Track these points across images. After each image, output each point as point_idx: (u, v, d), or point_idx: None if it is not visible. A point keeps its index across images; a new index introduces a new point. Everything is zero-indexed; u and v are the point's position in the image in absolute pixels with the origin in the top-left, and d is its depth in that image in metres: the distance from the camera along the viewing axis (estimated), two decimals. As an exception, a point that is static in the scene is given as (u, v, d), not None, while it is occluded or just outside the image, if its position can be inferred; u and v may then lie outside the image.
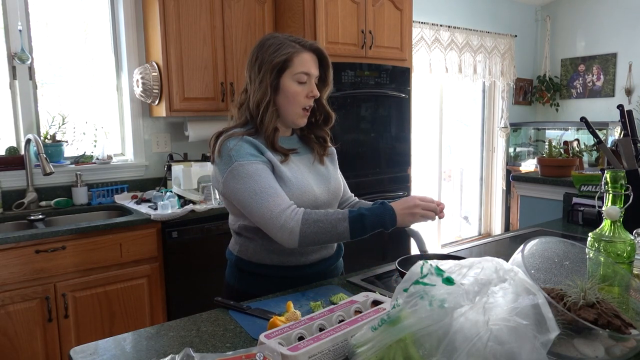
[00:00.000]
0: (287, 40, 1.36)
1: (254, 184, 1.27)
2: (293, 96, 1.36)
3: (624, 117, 1.85)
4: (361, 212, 1.27)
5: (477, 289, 0.79)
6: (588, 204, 2.17)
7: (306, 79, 1.36)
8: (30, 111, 2.66)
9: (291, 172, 1.36)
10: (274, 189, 1.28)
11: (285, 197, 1.29)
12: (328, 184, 1.45)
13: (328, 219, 1.25)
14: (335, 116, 1.50)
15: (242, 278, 1.45)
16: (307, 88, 1.37)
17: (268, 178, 1.29)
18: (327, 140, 1.51)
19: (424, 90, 4.63)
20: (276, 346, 0.86)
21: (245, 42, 2.99)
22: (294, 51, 1.34)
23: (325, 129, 1.50)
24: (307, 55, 1.36)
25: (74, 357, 0.99)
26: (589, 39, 5.13)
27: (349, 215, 1.26)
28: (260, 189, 1.27)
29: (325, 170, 1.47)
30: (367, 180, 3.19)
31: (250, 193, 1.27)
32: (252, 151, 1.32)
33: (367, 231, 1.27)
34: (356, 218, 1.25)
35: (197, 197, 2.67)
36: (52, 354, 2.21)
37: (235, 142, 1.32)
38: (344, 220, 1.25)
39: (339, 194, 1.50)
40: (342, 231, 1.25)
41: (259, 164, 1.30)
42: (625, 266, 1.09)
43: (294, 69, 1.34)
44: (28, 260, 2.11)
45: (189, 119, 3.05)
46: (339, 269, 1.58)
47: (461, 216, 5.39)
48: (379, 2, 3.13)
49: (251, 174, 1.28)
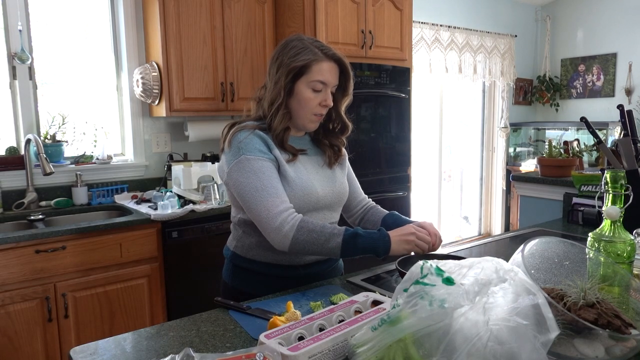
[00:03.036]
0: (311, 46, 1.34)
1: (256, 180, 1.28)
2: (306, 102, 1.35)
3: (624, 117, 1.85)
4: (357, 232, 1.26)
5: (477, 289, 0.79)
6: (588, 204, 2.17)
7: (321, 87, 1.35)
8: (30, 111, 2.66)
9: (296, 172, 1.36)
10: (275, 188, 1.28)
11: (286, 198, 1.29)
12: (333, 187, 1.44)
13: (323, 232, 1.25)
14: (352, 127, 1.49)
15: (237, 275, 1.45)
16: (322, 96, 1.35)
17: (272, 176, 1.29)
18: (341, 149, 1.51)
19: (424, 90, 4.63)
20: (276, 346, 0.86)
21: (245, 42, 2.99)
22: (313, 58, 1.33)
23: (341, 138, 1.50)
24: (327, 64, 1.34)
25: (74, 357, 0.99)
26: (588, 39, 5.13)
27: (344, 232, 1.26)
28: (262, 186, 1.27)
29: (332, 173, 1.46)
30: (367, 180, 3.17)
31: (252, 189, 1.28)
32: (261, 147, 1.32)
33: (358, 252, 1.27)
34: (350, 237, 1.25)
35: (197, 197, 2.67)
36: (52, 354, 2.21)
37: (246, 135, 1.33)
38: (338, 236, 1.25)
39: (344, 197, 1.50)
40: (333, 246, 1.25)
41: (266, 161, 1.30)
42: (625, 266, 1.09)
43: (310, 76, 1.33)
44: (28, 260, 2.11)
45: (189, 119, 3.05)
46: (339, 270, 1.57)
47: (461, 216, 5.39)
48: (379, 2, 3.13)
49: (256, 169, 1.29)
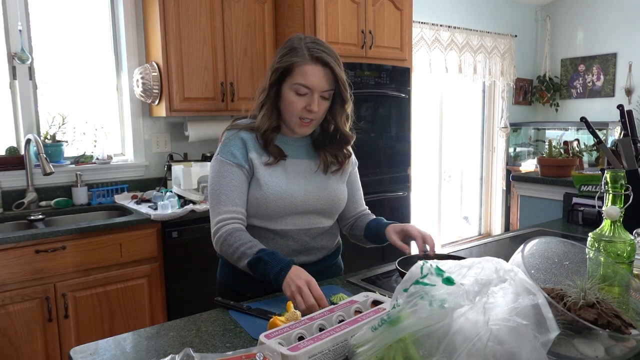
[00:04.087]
0: (302, 47, 1.29)
1: (216, 184, 1.34)
2: (289, 105, 1.32)
3: (624, 117, 1.85)
4: (260, 257, 1.21)
5: (477, 289, 0.79)
6: (588, 204, 2.17)
7: (306, 91, 1.29)
8: (30, 111, 2.66)
9: (271, 176, 1.35)
10: (226, 196, 1.32)
11: (233, 207, 1.32)
12: (321, 193, 1.40)
13: (237, 250, 1.26)
14: (354, 137, 1.44)
15: (229, 274, 1.45)
16: (306, 101, 1.30)
17: (232, 183, 1.33)
18: (344, 160, 1.45)
19: (424, 90, 4.63)
20: (276, 346, 0.86)
21: (245, 42, 2.99)
22: (297, 60, 1.28)
23: (343, 150, 1.45)
24: (312, 67, 1.27)
25: (74, 357, 0.99)
26: (588, 39, 5.13)
27: (251, 256, 1.23)
28: (218, 190, 1.33)
29: (325, 179, 1.42)
30: (367, 180, 3.14)
31: (211, 191, 1.36)
32: (236, 150, 1.35)
33: (259, 277, 1.23)
34: (254, 261, 1.22)
35: (197, 197, 2.67)
36: (52, 354, 2.21)
37: (229, 135, 1.38)
38: (246, 258, 1.24)
39: (336, 204, 1.44)
40: (244, 266, 1.26)
41: (232, 166, 1.34)
42: (625, 266, 1.09)
43: (293, 78, 1.29)
44: (28, 260, 2.11)
45: (189, 119, 3.05)
46: (339, 269, 1.57)
47: (461, 216, 5.39)
48: (379, 2, 3.13)
49: (220, 172, 1.34)
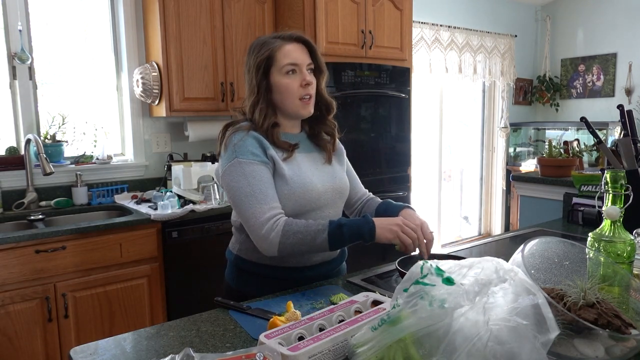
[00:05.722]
0: (269, 39, 1.37)
1: (246, 185, 1.27)
2: (286, 89, 1.34)
3: (624, 117, 1.85)
4: (340, 223, 1.26)
5: (477, 289, 0.79)
6: (588, 204, 2.16)
7: (294, 68, 1.34)
8: (30, 111, 2.66)
9: (293, 170, 1.34)
10: (264, 194, 1.27)
11: (275, 203, 1.28)
12: (333, 183, 1.43)
13: (308, 230, 1.24)
14: (335, 103, 1.48)
15: (241, 278, 1.44)
16: (299, 77, 1.35)
17: (263, 180, 1.28)
18: (334, 135, 1.50)
19: (424, 90, 4.63)
20: (276, 346, 0.86)
21: (245, 42, 2.98)
22: (275, 46, 1.34)
23: (330, 120, 1.49)
24: (290, 46, 1.35)
25: (74, 357, 0.99)
26: (588, 39, 5.13)
27: (328, 226, 1.25)
28: (252, 191, 1.26)
29: (331, 169, 1.46)
30: (367, 180, 3.13)
31: (241, 194, 1.27)
32: (255, 149, 1.30)
33: (345, 242, 1.26)
34: (335, 229, 1.24)
35: (197, 197, 2.67)
36: (52, 354, 2.21)
37: (241, 137, 1.32)
38: (323, 232, 1.24)
39: (345, 193, 1.49)
40: (320, 242, 1.24)
41: (258, 165, 1.29)
42: (625, 266, 1.09)
43: (279, 63, 1.34)
44: (28, 260, 2.11)
45: (189, 119, 3.05)
46: (342, 272, 1.57)
47: (461, 216, 5.39)
48: (379, 2, 3.13)
49: (247, 173, 1.27)
